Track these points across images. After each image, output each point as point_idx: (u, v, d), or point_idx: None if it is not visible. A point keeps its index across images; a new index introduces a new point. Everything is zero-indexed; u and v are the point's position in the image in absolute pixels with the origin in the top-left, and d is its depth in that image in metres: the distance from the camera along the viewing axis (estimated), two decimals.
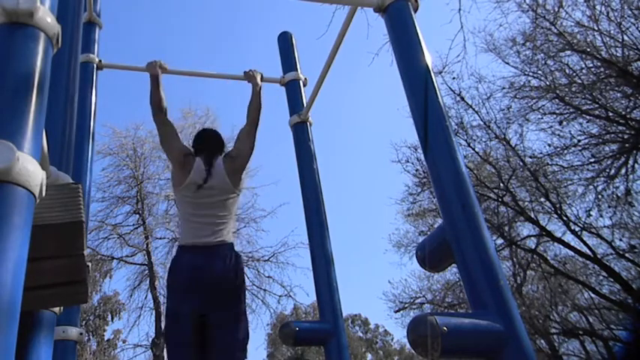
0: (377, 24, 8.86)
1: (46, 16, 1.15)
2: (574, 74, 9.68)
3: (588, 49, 9.24)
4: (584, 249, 10.58)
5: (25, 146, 1.00)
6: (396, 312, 14.07)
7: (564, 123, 9.94)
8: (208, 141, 2.91)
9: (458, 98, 11.01)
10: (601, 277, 11.37)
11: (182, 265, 2.60)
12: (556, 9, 9.38)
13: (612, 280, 10.47)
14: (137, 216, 14.12)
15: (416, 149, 11.31)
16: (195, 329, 2.50)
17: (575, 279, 11.63)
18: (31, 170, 0.98)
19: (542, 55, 9.96)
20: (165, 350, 13.17)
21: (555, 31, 9.49)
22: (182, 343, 2.52)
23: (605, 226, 10.50)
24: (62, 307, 1.57)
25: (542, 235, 11.10)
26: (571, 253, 11.15)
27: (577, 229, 10.61)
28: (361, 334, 32.96)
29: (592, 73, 9.53)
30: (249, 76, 3.15)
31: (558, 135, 10.20)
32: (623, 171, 9.58)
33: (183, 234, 2.75)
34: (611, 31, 9.00)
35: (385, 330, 32.32)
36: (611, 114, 9.35)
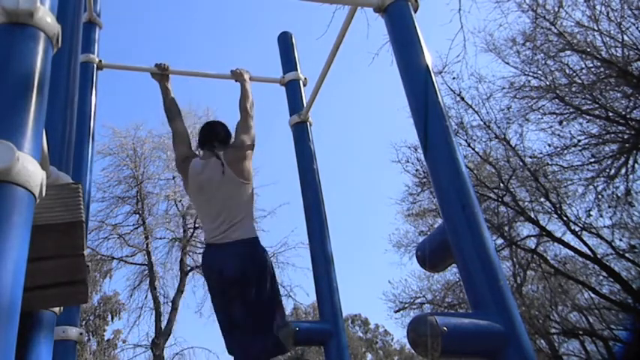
0: (377, 24, 8.87)
1: (46, 16, 1.15)
2: (574, 74, 9.68)
3: (588, 49, 9.24)
4: (584, 249, 10.59)
5: (25, 146, 1.00)
6: (396, 312, 14.07)
7: (564, 123, 9.95)
8: (204, 133, 2.96)
9: (458, 98, 11.01)
10: (601, 277, 11.38)
11: (204, 265, 2.78)
12: (556, 9, 9.39)
13: (612, 280, 10.47)
14: (137, 216, 14.12)
15: (416, 149, 11.32)
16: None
17: (575, 279, 11.63)
18: (31, 170, 0.98)
19: (542, 55, 9.96)
20: (164, 350, 13.18)
21: (555, 31, 9.49)
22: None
23: (605, 226, 10.51)
24: (62, 307, 1.56)
25: (542, 235, 11.10)
26: (571, 253, 11.15)
27: (577, 229, 10.61)
28: (361, 334, 32.95)
29: (592, 73, 9.53)
30: (236, 75, 3.18)
31: (558, 135, 10.21)
32: (623, 171, 9.59)
33: (203, 232, 2.93)
34: (611, 31, 9.00)
35: (385, 330, 32.33)
36: (611, 114, 9.35)
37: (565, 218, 10.61)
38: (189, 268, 13.79)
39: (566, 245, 10.84)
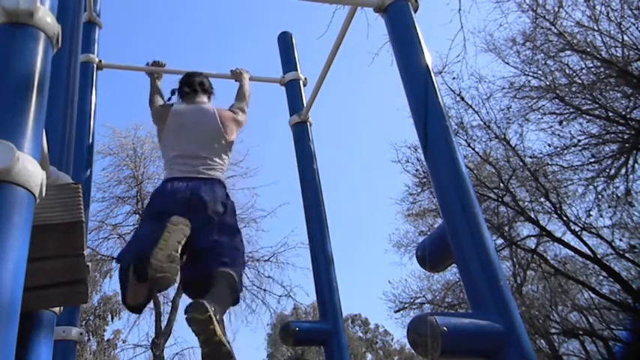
0: (377, 24, 8.86)
1: (46, 16, 1.15)
2: (574, 74, 9.68)
3: (588, 49, 9.24)
4: (584, 249, 10.59)
5: (25, 146, 1.00)
6: (396, 312, 14.07)
7: (564, 123, 9.95)
8: (189, 80, 2.86)
9: (458, 98, 11.02)
10: (601, 277, 11.38)
11: (161, 190, 2.48)
12: (556, 9, 9.39)
13: (612, 280, 10.47)
14: (137, 216, 14.11)
15: (416, 149, 11.32)
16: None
17: (575, 279, 11.63)
18: (31, 170, 0.98)
19: (542, 55, 9.96)
20: (162, 348, 13.19)
21: (555, 31, 9.49)
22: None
23: (605, 226, 10.51)
24: (62, 307, 1.57)
25: (542, 235, 11.10)
26: (571, 253, 11.16)
27: (577, 229, 10.61)
28: (361, 334, 32.96)
29: (592, 73, 9.53)
30: (235, 75, 3.19)
31: (558, 135, 10.22)
32: (623, 171, 9.59)
33: (166, 173, 2.60)
34: (611, 31, 9.01)
35: (385, 330, 32.33)
36: (611, 114, 9.35)
37: (565, 218, 10.61)
38: None
39: (566, 245, 10.85)
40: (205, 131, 2.63)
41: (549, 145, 10.39)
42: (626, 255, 10.39)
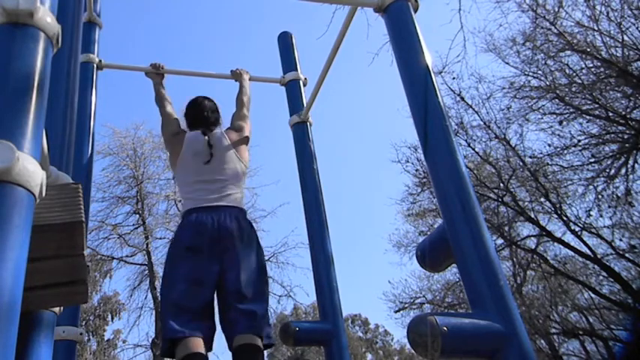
0: (377, 24, 8.87)
1: (46, 16, 1.15)
2: (574, 74, 9.69)
3: (588, 49, 9.24)
4: (584, 249, 10.60)
5: (25, 146, 1.00)
6: (396, 312, 14.09)
7: (564, 123, 9.96)
8: (199, 113, 2.83)
9: (458, 98, 11.03)
10: (601, 277, 11.39)
11: (187, 225, 2.46)
12: (556, 9, 9.39)
13: (612, 280, 10.48)
14: (137, 216, 14.13)
15: (416, 149, 11.35)
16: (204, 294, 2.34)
17: (575, 279, 11.64)
18: (31, 170, 0.98)
19: (542, 55, 9.97)
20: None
21: (555, 31, 9.49)
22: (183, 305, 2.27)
23: (605, 226, 10.52)
24: (62, 307, 1.56)
25: (542, 235, 11.11)
26: (571, 253, 11.16)
27: (577, 229, 10.61)
28: (361, 334, 32.97)
29: (592, 73, 9.53)
30: (235, 75, 3.19)
31: (558, 135, 10.23)
32: (623, 171, 9.59)
33: (186, 202, 2.60)
34: (611, 31, 9.01)
35: (385, 330, 32.37)
36: (611, 114, 9.35)
37: (565, 218, 10.62)
38: None
39: (566, 245, 10.85)
40: (220, 156, 2.65)
41: (549, 145, 10.41)
42: (626, 255, 10.39)
